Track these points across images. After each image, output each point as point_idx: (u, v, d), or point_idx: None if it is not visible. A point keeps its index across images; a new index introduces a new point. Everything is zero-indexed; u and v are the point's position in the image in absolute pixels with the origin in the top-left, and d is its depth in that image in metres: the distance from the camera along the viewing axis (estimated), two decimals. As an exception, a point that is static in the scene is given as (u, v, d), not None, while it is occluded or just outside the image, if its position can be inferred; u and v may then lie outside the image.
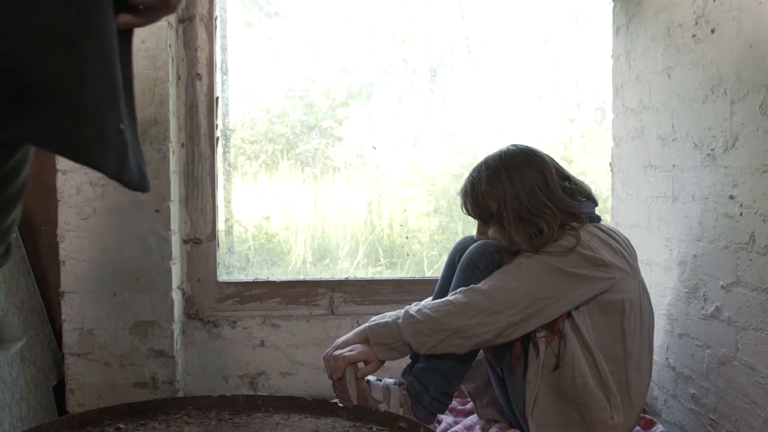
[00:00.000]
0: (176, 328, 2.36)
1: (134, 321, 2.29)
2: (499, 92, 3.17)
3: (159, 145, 2.28)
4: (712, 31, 1.85)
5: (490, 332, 1.79)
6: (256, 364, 2.52)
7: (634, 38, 2.35)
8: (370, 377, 1.88)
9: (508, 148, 1.95)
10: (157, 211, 2.28)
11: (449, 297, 1.84)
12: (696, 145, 1.95)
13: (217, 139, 2.54)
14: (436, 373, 1.85)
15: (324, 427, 1.55)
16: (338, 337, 1.94)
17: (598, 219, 1.95)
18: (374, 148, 3.04)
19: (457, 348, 1.81)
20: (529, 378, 1.82)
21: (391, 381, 1.91)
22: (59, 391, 2.35)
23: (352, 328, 2.05)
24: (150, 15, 0.92)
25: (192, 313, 2.50)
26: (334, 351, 1.88)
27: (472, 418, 2.13)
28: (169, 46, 2.31)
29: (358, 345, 1.86)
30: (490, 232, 1.94)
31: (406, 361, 1.96)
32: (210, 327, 2.51)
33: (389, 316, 1.88)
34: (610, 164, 2.58)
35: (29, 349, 2.26)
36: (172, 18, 2.35)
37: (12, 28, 0.79)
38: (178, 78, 2.44)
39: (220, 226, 2.60)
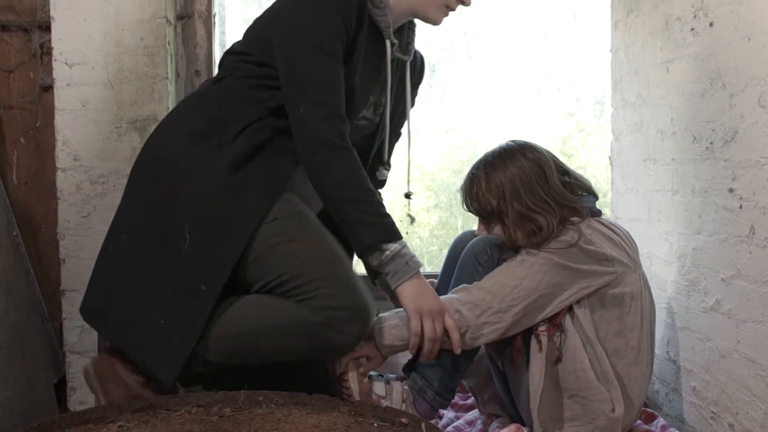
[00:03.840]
0: (177, 325, 2.36)
1: (135, 318, 2.28)
2: (498, 87, 3.16)
3: (158, 143, 2.27)
4: (711, 24, 1.85)
5: (495, 332, 1.79)
6: (258, 361, 2.51)
7: (632, 32, 2.34)
8: (372, 373, 1.88)
9: (506, 144, 1.95)
10: (157, 208, 2.27)
11: (454, 295, 1.83)
12: (695, 138, 1.95)
13: (217, 136, 2.53)
14: (439, 368, 1.85)
15: (326, 423, 1.55)
16: (339, 332, 1.94)
17: (599, 213, 1.95)
18: (373, 144, 3.04)
19: (462, 346, 1.81)
20: (533, 372, 1.82)
21: (393, 376, 1.91)
22: (60, 389, 2.35)
23: (353, 323, 2.04)
24: None
25: (193, 310, 2.49)
26: (336, 347, 1.87)
27: (474, 413, 2.13)
28: (168, 44, 2.30)
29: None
30: (491, 228, 1.94)
31: (408, 355, 1.96)
32: (211, 324, 2.50)
33: (393, 312, 1.87)
34: (610, 158, 2.58)
35: (30, 347, 2.26)
36: (171, 15, 2.35)
37: None
38: (177, 75, 2.44)
39: (221, 222, 2.59)
